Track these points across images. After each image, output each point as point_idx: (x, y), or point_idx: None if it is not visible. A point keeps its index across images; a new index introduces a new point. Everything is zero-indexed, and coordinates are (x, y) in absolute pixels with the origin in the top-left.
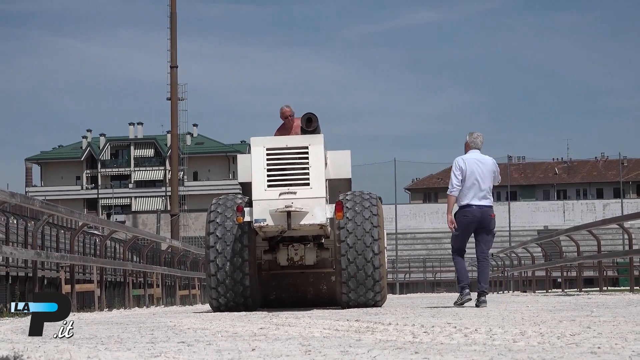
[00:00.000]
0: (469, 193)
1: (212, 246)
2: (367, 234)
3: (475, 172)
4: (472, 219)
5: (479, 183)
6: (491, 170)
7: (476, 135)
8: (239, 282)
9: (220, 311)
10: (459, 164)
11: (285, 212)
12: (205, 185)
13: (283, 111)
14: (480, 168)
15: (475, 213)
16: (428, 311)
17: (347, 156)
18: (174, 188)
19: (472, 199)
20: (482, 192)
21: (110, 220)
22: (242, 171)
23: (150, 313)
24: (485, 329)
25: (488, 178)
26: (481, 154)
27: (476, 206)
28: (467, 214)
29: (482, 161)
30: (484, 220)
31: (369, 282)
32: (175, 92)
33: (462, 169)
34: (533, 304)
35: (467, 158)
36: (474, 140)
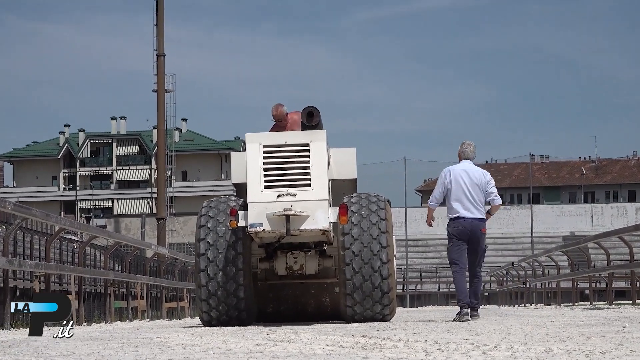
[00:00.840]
0: (457, 205)
1: (202, 254)
2: (374, 241)
3: (461, 183)
4: (462, 230)
5: (466, 195)
6: (479, 181)
7: (467, 144)
8: (233, 293)
9: (211, 326)
10: (444, 175)
11: (284, 216)
12: (195, 186)
13: (272, 113)
14: (467, 178)
15: (465, 225)
16: (442, 326)
17: (352, 154)
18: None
19: (461, 211)
20: (471, 204)
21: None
22: (236, 171)
23: (134, 327)
24: (505, 345)
25: (476, 189)
26: (471, 165)
27: (466, 219)
28: (457, 225)
29: (470, 171)
30: (475, 234)
31: (376, 294)
32: (162, 83)
33: (446, 181)
34: (558, 318)
35: (454, 168)
36: (464, 150)
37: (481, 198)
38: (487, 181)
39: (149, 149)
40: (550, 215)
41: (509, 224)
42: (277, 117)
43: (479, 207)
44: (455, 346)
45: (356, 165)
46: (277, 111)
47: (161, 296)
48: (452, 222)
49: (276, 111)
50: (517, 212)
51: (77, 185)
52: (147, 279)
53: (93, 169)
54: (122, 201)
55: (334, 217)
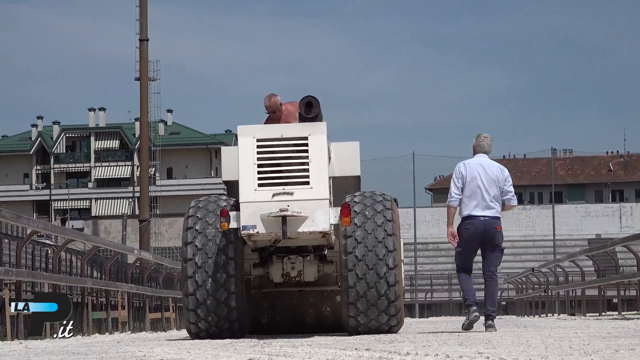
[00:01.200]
0: (470, 202)
1: (190, 259)
2: (379, 244)
3: (477, 178)
4: (474, 232)
5: (481, 191)
6: (495, 177)
7: (483, 137)
8: (223, 302)
9: (200, 338)
10: (459, 170)
11: (280, 217)
12: (182, 184)
13: (265, 104)
14: (484, 173)
15: (478, 225)
16: (455, 338)
17: (355, 149)
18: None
19: (474, 209)
20: (485, 201)
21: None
22: (227, 167)
23: (114, 341)
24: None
25: (493, 185)
26: (488, 159)
27: (479, 217)
28: (469, 226)
29: (486, 166)
30: (489, 233)
31: (382, 303)
32: (145, 70)
33: (462, 175)
34: (583, 330)
35: (469, 162)
36: (480, 143)
37: (497, 195)
38: (504, 177)
39: (131, 143)
40: (574, 216)
41: (529, 225)
42: (271, 109)
43: (494, 206)
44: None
45: (360, 161)
46: (270, 101)
47: (144, 306)
48: (464, 223)
49: (269, 101)
50: (537, 213)
51: (51, 183)
52: (129, 287)
53: (69, 166)
54: (101, 201)
55: (335, 218)
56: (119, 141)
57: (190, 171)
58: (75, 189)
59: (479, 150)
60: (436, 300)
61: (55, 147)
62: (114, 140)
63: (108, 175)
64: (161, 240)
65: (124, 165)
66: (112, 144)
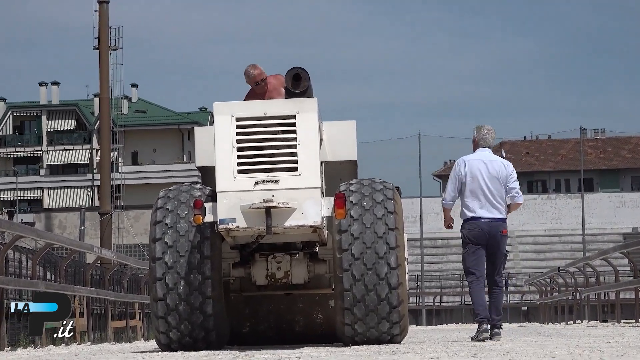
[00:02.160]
0: (473, 202)
1: (159, 258)
2: (379, 240)
3: (478, 176)
4: (480, 232)
5: (484, 190)
6: (498, 173)
7: (486, 129)
8: (198, 308)
9: (171, 350)
10: (459, 168)
11: (264, 208)
12: (150, 171)
13: (249, 74)
14: (486, 171)
15: (483, 226)
16: (467, 349)
17: (351, 129)
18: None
19: (478, 210)
20: (490, 201)
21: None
22: (202, 151)
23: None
24: None
25: (497, 183)
26: (490, 154)
27: (484, 219)
28: (473, 227)
29: (489, 162)
30: (494, 237)
31: (382, 309)
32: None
33: (462, 174)
34: (617, 339)
35: (470, 159)
36: (484, 137)
37: (502, 194)
38: (508, 174)
39: (89, 123)
40: (607, 207)
41: (554, 218)
42: (254, 81)
43: (499, 205)
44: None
45: (356, 143)
46: (256, 70)
47: (106, 313)
48: (467, 224)
49: (254, 70)
50: (564, 203)
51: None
52: (88, 290)
53: (17, 150)
54: (54, 191)
55: (327, 210)
56: (76, 121)
57: (159, 156)
58: (24, 176)
59: (483, 144)
60: (446, 305)
61: (0, 128)
62: (70, 120)
63: (63, 161)
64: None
65: (81, 149)
66: (67, 125)
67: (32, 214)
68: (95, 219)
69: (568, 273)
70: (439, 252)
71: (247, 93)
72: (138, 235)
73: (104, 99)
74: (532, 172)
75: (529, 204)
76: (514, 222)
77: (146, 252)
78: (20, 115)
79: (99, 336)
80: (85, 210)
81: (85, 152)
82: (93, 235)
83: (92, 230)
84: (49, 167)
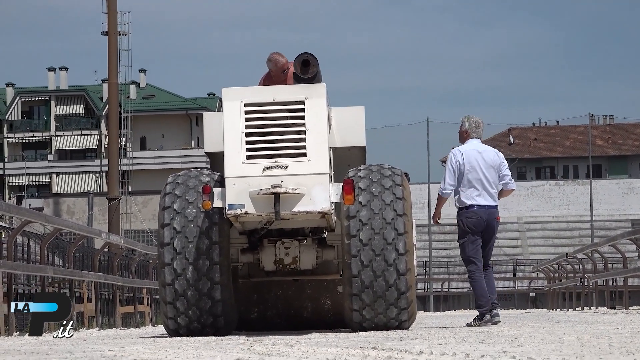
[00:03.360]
0: (472, 191)
1: (167, 243)
2: (388, 226)
3: (475, 165)
4: (478, 220)
5: (482, 180)
6: (493, 162)
7: (475, 121)
8: (206, 294)
9: (179, 335)
10: (455, 158)
11: (272, 194)
12: (158, 156)
13: (277, 61)
14: (482, 161)
15: (481, 214)
16: (475, 335)
17: (359, 115)
18: (112, 161)
19: (476, 199)
20: (487, 190)
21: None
22: (210, 136)
23: (80, 338)
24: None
25: (492, 172)
26: (482, 144)
27: (481, 207)
28: (471, 215)
29: (483, 152)
30: (490, 224)
31: (391, 295)
32: (114, 23)
33: (459, 164)
34: (625, 325)
35: (465, 150)
36: (475, 128)
37: (496, 181)
38: (501, 162)
39: (98, 108)
40: (615, 193)
41: (562, 204)
42: (282, 68)
43: (494, 193)
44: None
45: (365, 129)
46: (282, 59)
47: (114, 298)
48: (466, 212)
49: (281, 59)
50: (572, 189)
51: (5, 155)
52: (96, 276)
53: (25, 135)
54: (63, 176)
55: (336, 196)
56: (84, 106)
57: (167, 141)
58: (32, 162)
59: (474, 135)
60: (454, 291)
61: (8, 114)
62: (78, 105)
63: (71, 146)
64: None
65: (89, 135)
66: (75, 110)
67: (41, 199)
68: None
69: (576, 259)
70: (447, 238)
71: (262, 78)
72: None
73: (112, 85)
74: (541, 158)
75: (537, 190)
76: (522, 208)
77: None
78: (28, 100)
79: (107, 321)
80: (93, 195)
81: (94, 138)
82: (101, 220)
83: (100, 215)
84: (57, 152)
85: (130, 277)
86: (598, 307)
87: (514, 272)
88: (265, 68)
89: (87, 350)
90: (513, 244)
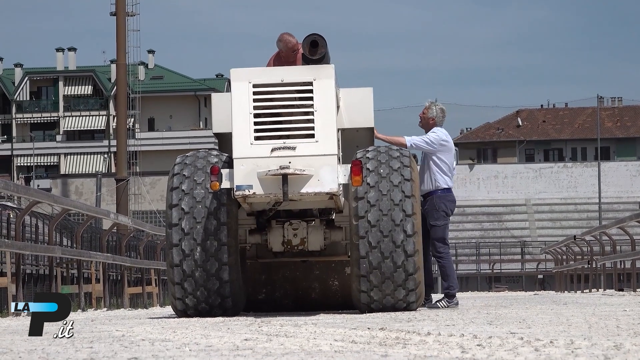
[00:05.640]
0: (448, 175)
1: (175, 224)
2: (396, 207)
3: (453, 150)
4: (454, 203)
5: (453, 164)
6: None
7: (442, 109)
8: (214, 275)
9: (187, 316)
10: (446, 137)
11: (280, 175)
12: (166, 137)
13: (288, 42)
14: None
15: (454, 198)
16: (483, 316)
17: (368, 96)
18: (120, 141)
19: (449, 182)
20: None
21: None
22: (219, 117)
23: (88, 319)
24: (564, 341)
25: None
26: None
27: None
28: (451, 198)
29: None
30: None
31: (398, 276)
32: (122, 4)
33: (448, 142)
34: (633, 307)
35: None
36: (442, 118)
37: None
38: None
39: (106, 89)
40: (623, 175)
41: (570, 186)
42: (292, 49)
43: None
44: (500, 341)
45: (373, 110)
46: (293, 40)
47: (122, 279)
48: (447, 195)
49: (292, 39)
50: (580, 172)
51: (14, 136)
52: (105, 256)
53: (34, 116)
54: (71, 157)
55: (344, 177)
56: (92, 87)
57: (176, 122)
58: (41, 142)
59: (440, 124)
60: (462, 272)
61: (17, 94)
62: (86, 86)
63: (79, 127)
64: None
65: (97, 115)
66: (84, 90)
67: (49, 179)
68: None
69: (584, 241)
70: (455, 219)
71: (272, 58)
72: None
73: (120, 65)
74: (549, 140)
75: (546, 172)
76: (530, 190)
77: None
78: (37, 80)
79: (115, 302)
80: (101, 176)
81: (102, 118)
82: (109, 201)
83: (108, 196)
84: (66, 133)
85: (138, 258)
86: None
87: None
88: (274, 48)
89: (95, 330)
90: (521, 226)
